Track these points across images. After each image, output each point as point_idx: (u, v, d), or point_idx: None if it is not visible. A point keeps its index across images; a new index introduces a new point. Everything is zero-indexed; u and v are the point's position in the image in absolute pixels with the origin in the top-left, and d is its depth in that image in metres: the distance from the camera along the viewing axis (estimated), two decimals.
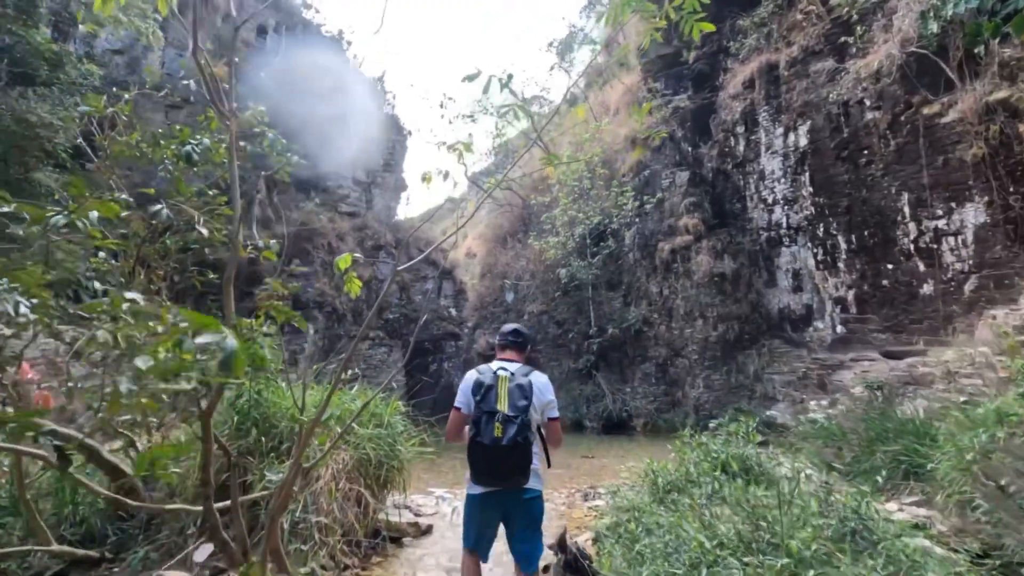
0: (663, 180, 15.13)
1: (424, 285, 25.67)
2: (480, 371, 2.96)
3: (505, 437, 2.63)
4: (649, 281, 14.58)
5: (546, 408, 2.96)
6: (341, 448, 4.62)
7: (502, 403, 2.74)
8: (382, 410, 5.23)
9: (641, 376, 14.22)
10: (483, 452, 2.69)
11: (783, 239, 13.23)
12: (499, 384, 2.82)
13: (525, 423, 2.69)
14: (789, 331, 13.12)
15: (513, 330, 3.18)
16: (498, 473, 2.74)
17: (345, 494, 4.41)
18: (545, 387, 2.96)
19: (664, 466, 4.64)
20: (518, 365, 2.99)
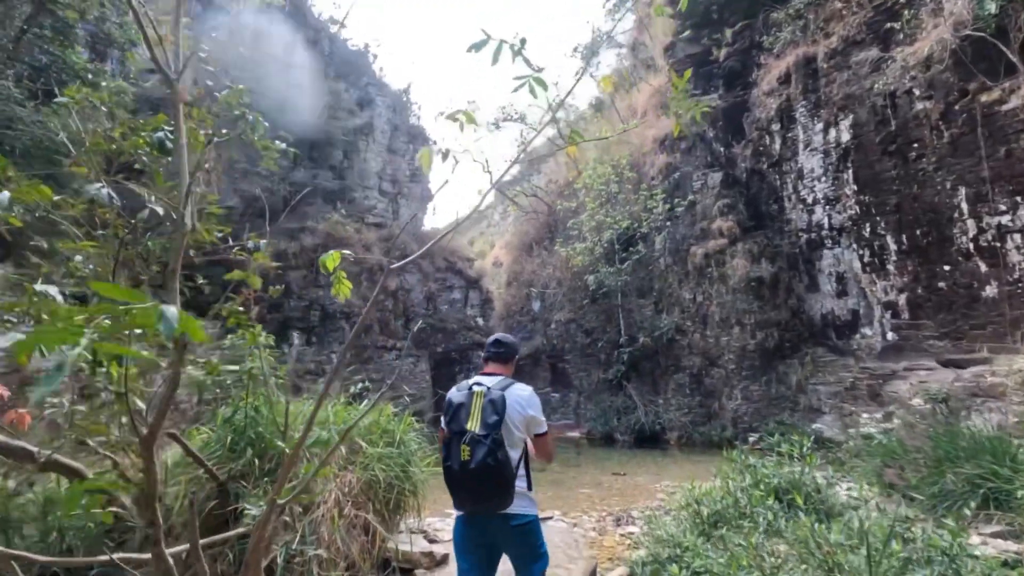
0: (694, 182, 14.46)
1: (451, 295, 25.41)
2: (458, 387, 2.70)
3: (473, 460, 2.34)
4: (681, 287, 13.88)
5: (529, 424, 2.61)
6: (348, 470, 4.19)
7: (473, 422, 2.44)
8: (394, 427, 4.79)
9: (674, 387, 13.50)
10: (453, 478, 2.44)
11: (825, 241, 12.40)
12: (473, 401, 2.52)
13: (496, 442, 2.37)
14: (834, 338, 12.25)
15: (494, 340, 2.87)
16: (472, 499, 2.47)
17: (351, 521, 3.97)
18: (525, 400, 2.60)
19: (709, 492, 4.05)
20: (498, 378, 2.67)
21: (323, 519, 3.72)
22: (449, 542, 4.96)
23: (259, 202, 19.93)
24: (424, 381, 22.90)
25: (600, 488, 7.42)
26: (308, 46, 24.90)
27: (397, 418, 4.94)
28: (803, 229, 12.84)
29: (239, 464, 3.60)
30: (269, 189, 19.73)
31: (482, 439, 2.35)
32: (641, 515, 5.57)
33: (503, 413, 2.45)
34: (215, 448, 3.71)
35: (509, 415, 2.48)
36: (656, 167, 15.25)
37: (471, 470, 2.33)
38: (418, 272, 24.40)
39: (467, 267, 26.18)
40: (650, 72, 18.90)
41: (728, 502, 3.82)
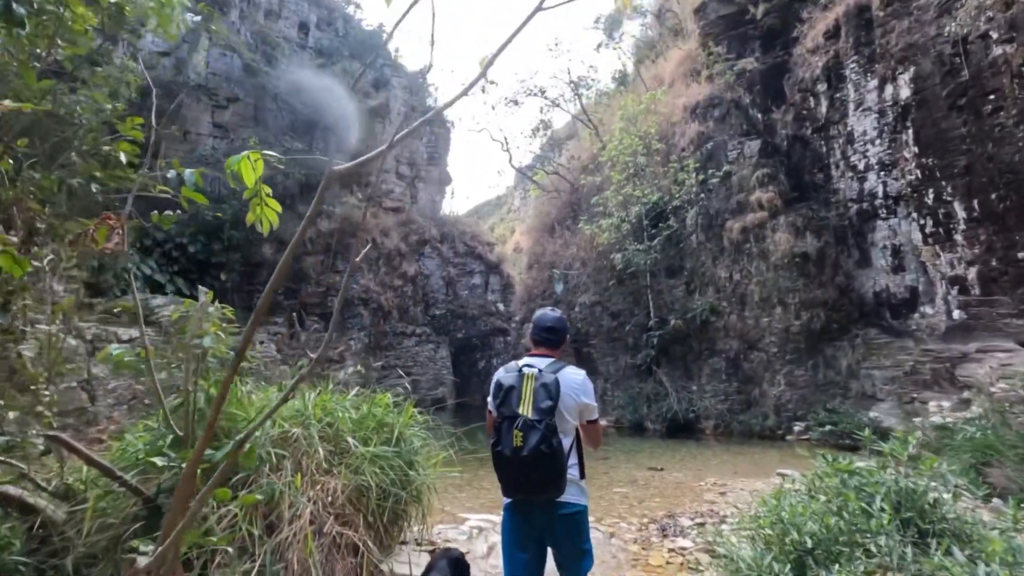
0: (729, 152, 13.20)
1: (471, 280, 24.52)
2: (506, 368, 2.49)
3: (526, 447, 2.18)
4: (716, 265, 12.70)
5: (583, 412, 2.45)
6: (332, 475, 3.29)
7: (525, 406, 2.28)
8: (393, 419, 3.88)
9: (709, 372, 12.38)
10: (504, 464, 2.29)
11: (879, 211, 11.09)
12: (523, 384, 2.34)
13: (550, 428, 2.22)
14: (888, 318, 10.98)
15: (547, 327, 2.61)
16: (523, 486, 2.31)
17: (332, 540, 3.07)
18: (578, 386, 2.43)
19: (793, 510, 3.02)
20: (548, 361, 2.47)
21: (294, 540, 2.84)
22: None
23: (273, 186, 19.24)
24: (445, 367, 22.14)
25: (636, 486, 6.45)
26: (323, 26, 24.05)
27: (397, 409, 4.03)
28: (853, 199, 11.53)
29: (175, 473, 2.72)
30: (284, 172, 19.00)
31: (536, 424, 2.19)
32: (692, 524, 4.59)
33: (557, 398, 2.28)
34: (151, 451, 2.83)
35: (563, 401, 2.32)
36: (687, 137, 14.00)
37: (524, 457, 2.17)
38: (437, 257, 23.54)
39: (487, 252, 25.23)
40: (678, 39, 17.56)
41: (824, 522, 2.81)
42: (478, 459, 8.49)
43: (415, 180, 25.24)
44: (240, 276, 18.87)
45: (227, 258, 18.25)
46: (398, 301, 21.65)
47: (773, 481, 6.37)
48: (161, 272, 16.81)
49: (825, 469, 4.05)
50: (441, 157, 26.33)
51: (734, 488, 6.02)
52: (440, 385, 21.58)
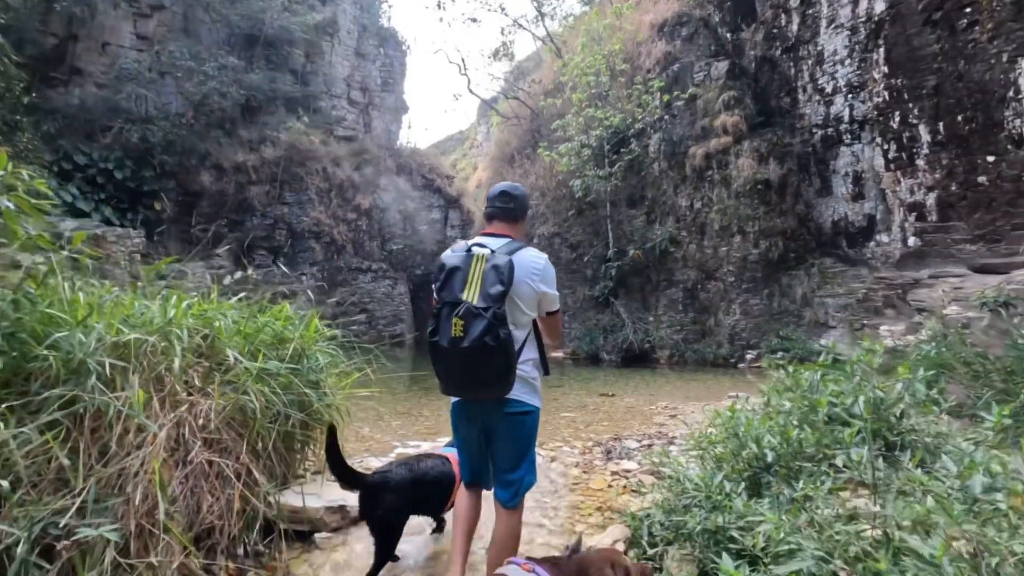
0: (696, 74, 12.42)
1: (430, 214, 23.49)
2: (453, 249, 2.08)
3: (467, 337, 1.80)
4: (678, 194, 12.20)
5: (542, 302, 2.08)
6: (205, 394, 2.67)
7: (470, 291, 1.87)
8: (292, 334, 3.24)
9: (666, 303, 12.14)
10: (441, 357, 1.91)
11: (843, 136, 10.67)
12: (472, 265, 1.92)
13: (498, 317, 1.82)
14: (844, 247, 10.81)
15: (500, 192, 2.18)
16: (462, 384, 1.99)
17: (201, 470, 2.48)
18: (538, 272, 2.02)
19: (750, 424, 2.58)
20: (504, 240, 2.05)
21: (141, 470, 2.24)
22: None
23: (208, 107, 17.49)
24: (403, 304, 21.47)
25: (585, 411, 6.13)
26: None
27: (301, 322, 3.37)
28: (818, 124, 11.06)
29: None
30: (219, 91, 17.18)
31: (480, 312, 1.82)
32: (639, 446, 4.23)
33: (509, 284, 1.89)
34: None
35: (517, 287, 1.95)
36: (652, 58, 13.11)
37: (462, 349, 1.83)
38: (393, 190, 22.29)
39: (446, 185, 24.06)
40: None
41: (787, 436, 2.37)
42: (424, 388, 8.04)
43: (368, 107, 23.53)
44: (178, 206, 17.37)
45: (160, 186, 16.67)
46: (352, 235, 20.53)
47: (725, 404, 6.13)
48: (85, 200, 15.24)
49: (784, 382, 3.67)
50: (396, 83, 24.53)
51: (685, 412, 5.73)
52: (399, 322, 20.96)
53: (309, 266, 19.12)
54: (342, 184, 20.48)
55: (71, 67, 16.54)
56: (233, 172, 18.10)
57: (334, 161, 20.51)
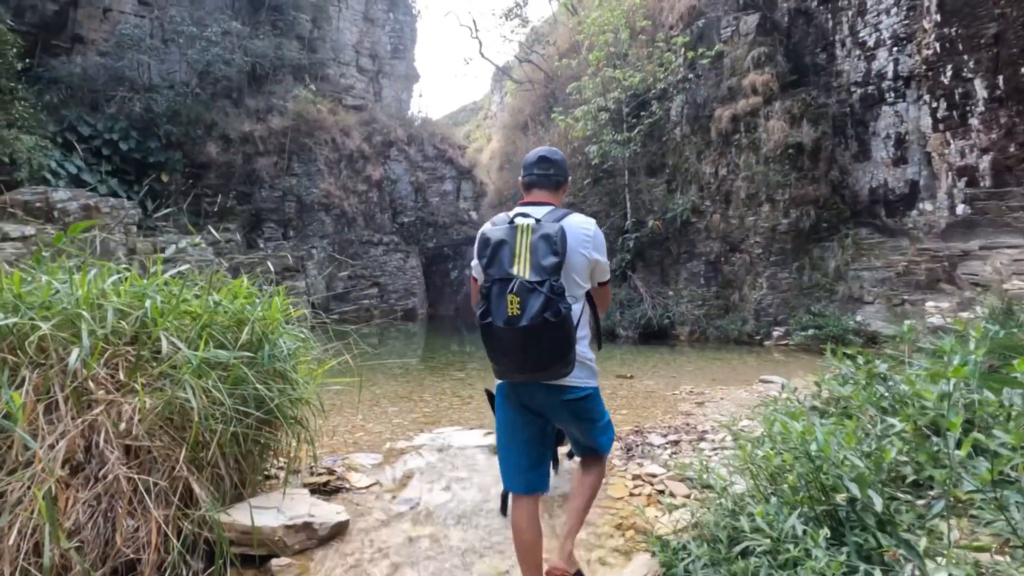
0: (723, 30, 11.40)
1: (442, 186, 22.76)
2: (494, 221, 1.87)
3: (525, 315, 1.63)
4: (701, 160, 11.33)
5: (595, 271, 1.91)
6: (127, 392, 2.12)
7: (520, 264, 1.70)
8: (251, 314, 2.66)
9: (687, 276, 11.41)
10: (496, 338, 1.71)
11: (885, 95, 9.68)
12: (517, 237, 1.73)
13: (556, 291, 1.64)
14: (883, 216, 9.93)
15: (539, 158, 1.97)
16: (522, 365, 1.73)
17: (116, 487, 1.95)
18: (589, 239, 1.86)
19: (806, 430, 1.94)
20: (548, 208, 1.87)
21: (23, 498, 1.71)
22: (362, 490, 3.04)
23: (213, 75, 16.82)
24: (415, 277, 20.97)
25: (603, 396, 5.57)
26: None
27: (261, 300, 2.79)
28: (857, 82, 10.05)
29: None
30: (223, 59, 16.48)
31: (536, 287, 1.64)
32: (665, 442, 3.64)
33: (563, 253, 1.70)
34: None
35: (570, 258, 1.76)
36: (676, 13, 12.07)
37: (521, 328, 1.63)
38: (405, 161, 21.55)
39: (458, 156, 23.25)
40: None
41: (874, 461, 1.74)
42: (429, 368, 7.52)
43: (378, 75, 22.66)
44: (185, 178, 16.89)
45: (167, 157, 16.18)
46: (363, 207, 19.96)
47: (756, 389, 5.50)
48: (91, 172, 14.80)
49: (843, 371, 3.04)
50: (407, 50, 23.54)
51: (713, 398, 5.11)
52: (411, 296, 20.51)
53: (319, 239, 18.63)
54: (352, 155, 19.81)
55: (73, 35, 15.95)
56: (240, 143, 17.53)
57: (343, 131, 19.80)
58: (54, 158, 13.60)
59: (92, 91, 15.49)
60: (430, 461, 3.48)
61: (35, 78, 14.57)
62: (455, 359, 8.50)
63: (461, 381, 6.17)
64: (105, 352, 2.17)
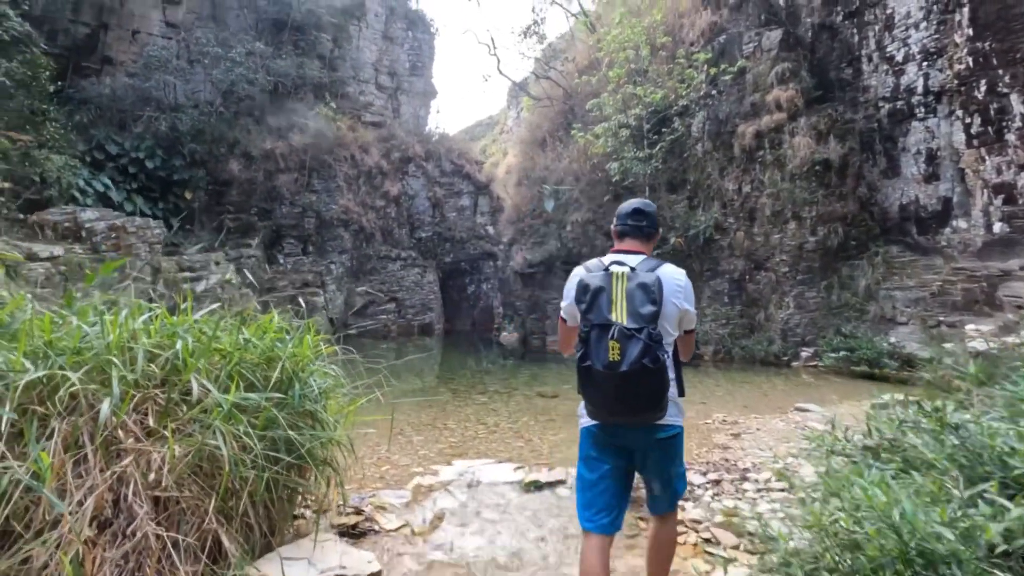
0: (745, 45, 11.27)
1: (459, 201, 22.81)
2: (587, 266, 2.00)
3: (625, 360, 1.71)
4: (724, 177, 11.15)
5: (683, 320, 1.98)
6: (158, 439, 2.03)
7: (618, 311, 1.79)
8: (282, 351, 2.57)
9: (711, 295, 11.18)
10: (596, 381, 1.80)
11: (915, 110, 9.45)
12: (613, 284, 1.84)
13: (654, 338, 1.73)
14: (914, 234, 9.64)
15: (634, 210, 2.06)
16: (619, 408, 1.84)
17: (145, 543, 1.86)
18: (681, 290, 1.93)
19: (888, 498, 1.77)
20: (641, 258, 1.97)
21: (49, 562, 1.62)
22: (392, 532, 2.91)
23: (236, 94, 17.11)
24: (432, 293, 20.94)
25: None
26: None
27: (290, 336, 2.70)
28: (886, 97, 9.84)
29: None
30: (247, 78, 16.76)
31: (635, 333, 1.72)
32: (705, 481, 3.44)
33: (660, 302, 1.81)
34: None
35: (664, 307, 1.84)
36: (697, 29, 11.98)
37: (623, 373, 1.71)
38: (422, 176, 21.65)
39: (476, 171, 23.31)
40: None
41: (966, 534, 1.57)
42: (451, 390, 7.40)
43: (397, 92, 22.90)
44: (208, 195, 17.14)
45: (191, 175, 16.44)
46: (381, 223, 20.05)
47: (793, 419, 5.28)
48: (117, 189, 15.07)
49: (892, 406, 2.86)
50: (425, 67, 23.80)
51: (748, 428, 4.91)
52: (428, 311, 20.47)
53: (338, 254, 18.73)
54: (370, 171, 19.96)
55: (103, 56, 16.37)
56: (262, 160, 17.75)
57: (362, 148, 19.98)
58: (83, 176, 13.88)
59: (120, 111, 15.84)
60: (460, 500, 3.34)
61: (66, 99, 14.94)
62: (476, 380, 8.36)
63: (484, 406, 6.05)
64: (135, 398, 2.08)
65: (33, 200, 12.21)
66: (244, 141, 17.49)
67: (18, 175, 11.44)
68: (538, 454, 4.23)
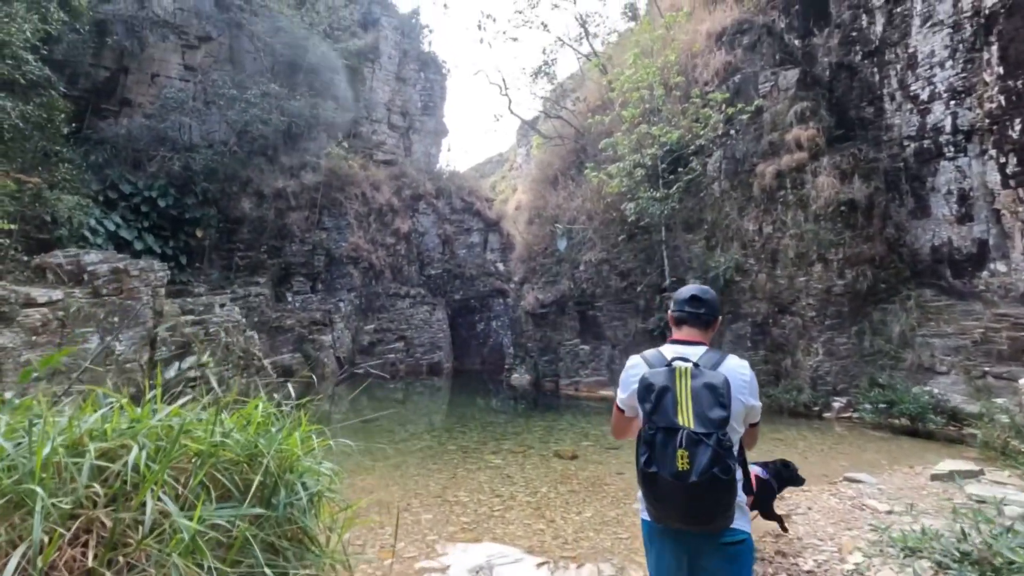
0: (761, 85, 11.06)
1: (469, 238, 22.62)
2: (647, 359, 1.91)
3: (695, 469, 1.60)
4: (743, 217, 10.77)
5: (749, 415, 1.84)
6: None
7: (684, 414, 1.68)
8: (265, 447, 2.12)
9: (732, 339, 10.64)
10: (662, 490, 1.67)
11: (944, 149, 9.07)
12: (677, 382, 1.72)
13: (724, 445, 1.62)
14: (949, 277, 9.12)
15: (691, 297, 1.99)
16: (686, 517, 1.71)
17: None
18: (746, 385, 1.81)
19: None
20: (702, 350, 1.86)
21: None
22: None
23: (250, 134, 17.19)
24: (441, 330, 20.51)
25: None
26: None
27: (276, 429, 2.25)
28: (911, 136, 9.49)
29: None
30: (261, 119, 16.86)
31: (703, 439, 1.62)
32: None
33: (730, 405, 1.67)
34: None
35: (733, 407, 1.70)
36: (711, 69, 11.82)
37: (692, 484, 1.60)
38: (433, 213, 21.55)
39: (486, 208, 23.22)
40: None
41: None
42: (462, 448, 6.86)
43: (409, 131, 23.05)
44: (218, 233, 17.03)
45: (202, 213, 16.37)
46: (391, 260, 19.84)
47: (846, 493, 4.69)
48: (128, 228, 14.97)
49: None
50: (436, 107, 24.02)
51: (796, 505, 4.33)
52: (437, 350, 20.01)
53: (347, 292, 18.44)
54: (381, 208, 19.87)
55: (121, 98, 16.57)
56: (273, 198, 17.71)
57: (373, 185, 19.95)
58: (94, 216, 13.79)
59: (135, 151, 15.91)
60: None
61: (83, 139, 15.04)
62: (487, 434, 7.82)
63: (498, 471, 5.51)
64: (73, 524, 1.64)
65: (43, 240, 12.07)
66: (256, 180, 17.48)
67: (28, 216, 11.34)
68: (562, 541, 3.69)
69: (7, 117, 9.70)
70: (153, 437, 1.95)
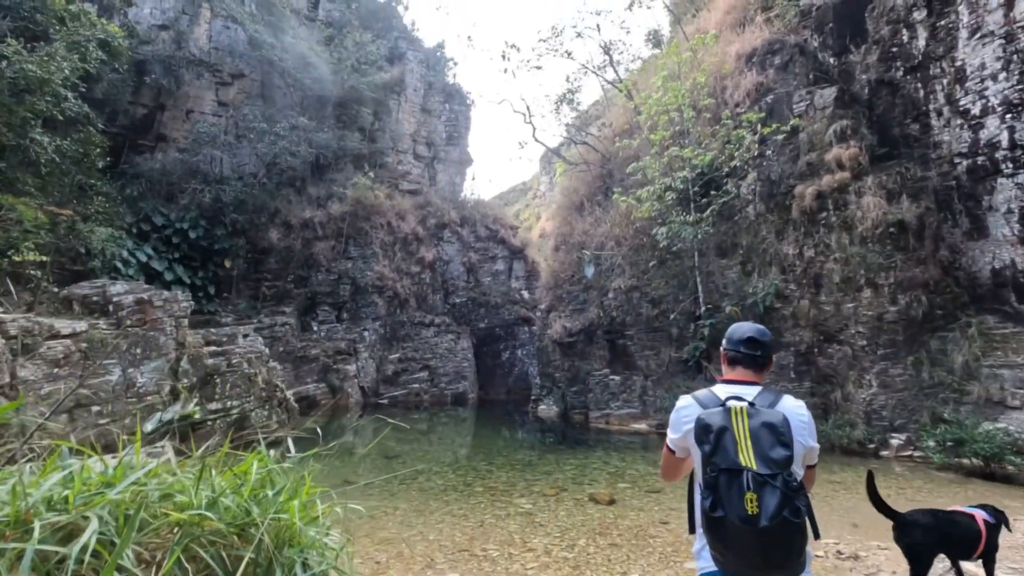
0: (796, 104, 10.64)
1: (493, 266, 22.37)
2: (700, 399, 1.82)
3: (764, 513, 1.51)
4: (781, 240, 10.22)
5: (807, 456, 1.76)
6: None
7: (745, 454, 1.59)
8: (259, 515, 1.74)
9: (774, 370, 9.91)
10: (730, 535, 1.57)
11: (1001, 166, 8.46)
12: (733, 421, 1.65)
13: (791, 487, 1.54)
14: (1014, 302, 8.37)
15: (748, 339, 1.88)
16: (758, 564, 1.59)
17: None
18: (805, 426, 1.73)
19: None
20: (755, 389, 1.79)
21: None
22: None
23: (279, 166, 17.44)
24: (466, 360, 20.10)
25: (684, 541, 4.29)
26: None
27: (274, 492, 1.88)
28: (962, 153, 8.91)
29: None
30: (290, 151, 17.11)
31: (769, 480, 1.54)
32: None
33: (792, 444, 1.61)
34: None
35: (795, 448, 1.62)
36: (742, 90, 11.47)
37: (764, 529, 1.50)
38: (457, 242, 21.42)
39: (510, 235, 23.00)
40: None
41: None
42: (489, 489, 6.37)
43: (434, 161, 23.19)
44: (246, 263, 17.17)
45: (231, 244, 16.54)
46: (415, 289, 19.67)
47: None
48: (159, 259, 15.17)
49: None
50: (461, 137, 24.19)
51: (878, 568, 3.74)
52: (461, 379, 19.58)
53: (372, 321, 18.27)
54: (406, 237, 19.83)
55: (157, 134, 17.05)
56: (300, 228, 17.84)
57: (399, 215, 19.96)
58: (126, 247, 14.00)
59: (169, 184, 16.24)
60: None
61: (120, 173, 15.43)
62: (516, 473, 7.31)
63: (529, 518, 5.01)
64: None
65: (77, 272, 12.24)
66: (284, 210, 17.66)
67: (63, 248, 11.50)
68: None
69: (44, 152, 9.89)
70: (124, 506, 1.60)
